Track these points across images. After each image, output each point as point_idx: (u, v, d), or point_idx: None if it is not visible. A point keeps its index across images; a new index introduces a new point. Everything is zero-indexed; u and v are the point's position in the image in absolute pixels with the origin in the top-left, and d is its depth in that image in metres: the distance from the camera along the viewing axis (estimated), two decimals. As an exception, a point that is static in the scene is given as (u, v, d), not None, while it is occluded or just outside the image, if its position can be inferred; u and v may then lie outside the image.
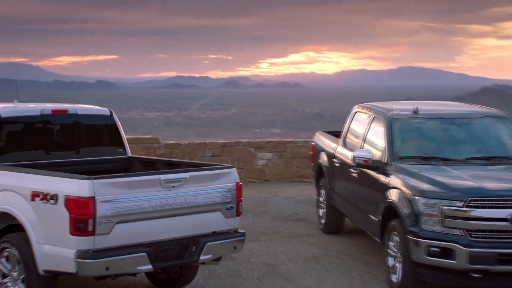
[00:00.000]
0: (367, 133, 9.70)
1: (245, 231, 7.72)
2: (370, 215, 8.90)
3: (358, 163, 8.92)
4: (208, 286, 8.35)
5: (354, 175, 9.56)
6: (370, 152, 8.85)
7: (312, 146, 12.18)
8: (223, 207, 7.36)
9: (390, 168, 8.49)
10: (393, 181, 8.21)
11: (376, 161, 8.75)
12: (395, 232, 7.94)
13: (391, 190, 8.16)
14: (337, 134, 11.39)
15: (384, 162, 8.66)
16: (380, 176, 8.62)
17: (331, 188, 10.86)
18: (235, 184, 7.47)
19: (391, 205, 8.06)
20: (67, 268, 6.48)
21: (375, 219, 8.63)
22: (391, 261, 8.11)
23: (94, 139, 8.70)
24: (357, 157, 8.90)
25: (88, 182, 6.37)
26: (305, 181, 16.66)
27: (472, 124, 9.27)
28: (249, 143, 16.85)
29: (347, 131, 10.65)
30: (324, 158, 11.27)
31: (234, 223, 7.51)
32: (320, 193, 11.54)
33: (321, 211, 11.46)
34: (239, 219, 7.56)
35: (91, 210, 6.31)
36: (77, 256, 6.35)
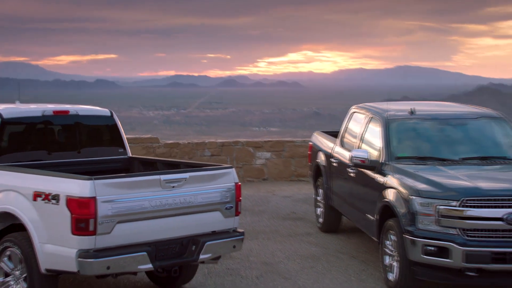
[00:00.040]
0: (364, 133, 9.75)
1: (244, 230, 7.78)
2: (367, 214, 8.96)
3: (355, 163, 8.97)
4: (208, 284, 8.40)
5: (352, 174, 9.62)
6: (367, 152, 8.91)
7: (310, 146, 12.22)
8: (222, 207, 7.41)
9: (386, 168, 8.55)
10: (390, 181, 8.28)
11: (373, 161, 8.81)
12: (391, 231, 8.00)
13: (388, 189, 8.22)
14: (334, 134, 11.45)
15: (380, 162, 8.71)
16: (377, 176, 8.68)
17: (329, 187, 10.92)
18: (234, 184, 7.53)
19: (388, 204, 8.11)
20: (68, 267, 6.53)
21: (372, 218, 8.69)
22: (388, 259, 8.17)
23: (95, 140, 8.72)
24: (354, 157, 8.96)
25: (89, 183, 6.42)
26: (303, 180, 16.70)
27: (467, 124, 9.32)
28: (247, 143, 16.86)
29: (344, 131, 10.70)
30: (322, 157, 11.33)
31: (233, 222, 7.57)
32: (318, 192, 11.60)
33: (319, 210, 11.51)
34: (238, 218, 7.62)
35: (92, 210, 6.36)
36: (78, 255, 6.40)
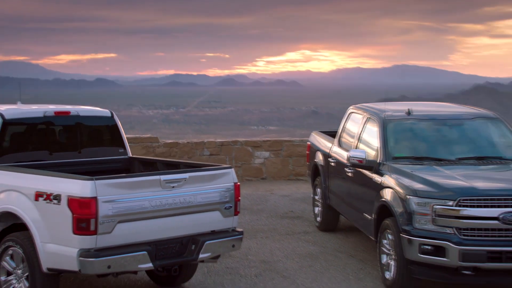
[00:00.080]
0: (362, 133, 9.81)
1: (242, 229, 7.85)
2: (364, 213, 9.02)
3: (353, 163, 9.03)
4: (207, 283, 8.46)
5: (349, 174, 9.68)
6: (364, 152, 8.96)
7: (308, 146, 12.27)
8: (221, 206, 7.47)
9: (384, 168, 8.61)
10: (387, 180, 8.34)
11: (370, 161, 8.87)
12: (389, 231, 8.05)
13: (385, 189, 8.28)
14: (332, 134, 11.50)
15: (378, 162, 8.77)
16: (374, 175, 8.74)
17: (327, 187, 10.99)
18: (233, 184, 7.59)
19: (385, 204, 8.17)
20: (70, 266, 6.59)
21: (370, 217, 8.75)
22: (385, 258, 8.22)
23: (95, 140, 8.77)
24: (351, 157, 9.02)
25: (90, 183, 6.47)
26: (301, 179, 16.75)
27: (464, 125, 9.38)
28: (246, 142, 16.90)
29: (342, 131, 10.76)
30: (320, 157, 11.39)
31: (232, 222, 7.63)
32: (316, 192, 11.65)
33: (317, 209, 11.57)
34: (237, 218, 7.67)
35: (93, 210, 6.42)
36: (79, 254, 6.45)
